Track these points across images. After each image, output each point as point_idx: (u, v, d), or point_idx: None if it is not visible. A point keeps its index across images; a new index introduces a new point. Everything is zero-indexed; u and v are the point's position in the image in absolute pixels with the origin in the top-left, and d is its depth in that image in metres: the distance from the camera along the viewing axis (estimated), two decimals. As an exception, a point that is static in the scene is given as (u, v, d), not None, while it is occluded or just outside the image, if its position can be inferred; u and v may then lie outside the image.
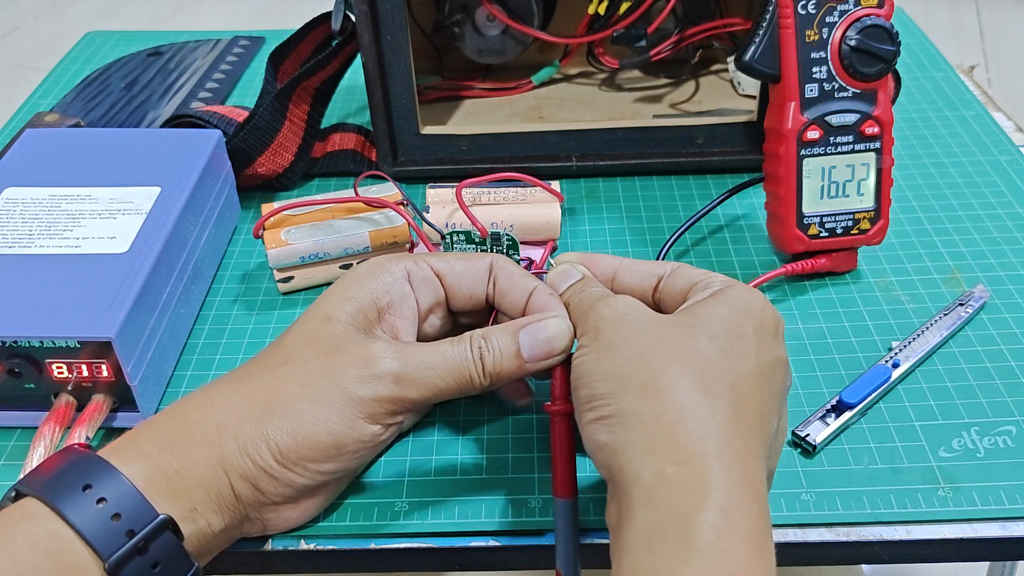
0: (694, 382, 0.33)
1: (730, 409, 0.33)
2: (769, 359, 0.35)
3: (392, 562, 0.41)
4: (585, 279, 0.40)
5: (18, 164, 0.53)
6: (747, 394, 0.33)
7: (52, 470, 0.34)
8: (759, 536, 0.30)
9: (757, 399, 0.34)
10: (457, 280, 0.41)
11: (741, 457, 0.32)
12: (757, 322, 0.35)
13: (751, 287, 0.37)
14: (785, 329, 0.39)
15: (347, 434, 0.36)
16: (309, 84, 0.62)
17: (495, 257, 0.42)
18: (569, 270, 0.40)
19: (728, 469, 0.31)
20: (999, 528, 0.40)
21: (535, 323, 0.38)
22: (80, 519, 0.32)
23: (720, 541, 0.29)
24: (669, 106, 0.67)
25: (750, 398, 0.33)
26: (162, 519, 0.33)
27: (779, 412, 0.36)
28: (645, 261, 0.41)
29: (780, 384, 0.36)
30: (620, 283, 0.41)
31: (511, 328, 0.38)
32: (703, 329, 0.35)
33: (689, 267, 0.40)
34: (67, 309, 0.43)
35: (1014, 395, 0.46)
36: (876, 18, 0.48)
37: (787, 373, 0.36)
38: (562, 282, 0.40)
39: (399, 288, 0.40)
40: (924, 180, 0.62)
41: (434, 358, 0.37)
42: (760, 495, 0.32)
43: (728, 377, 0.33)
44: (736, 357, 0.34)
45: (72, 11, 2.29)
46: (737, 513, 0.30)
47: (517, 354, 0.37)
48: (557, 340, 0.38)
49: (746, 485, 0.31)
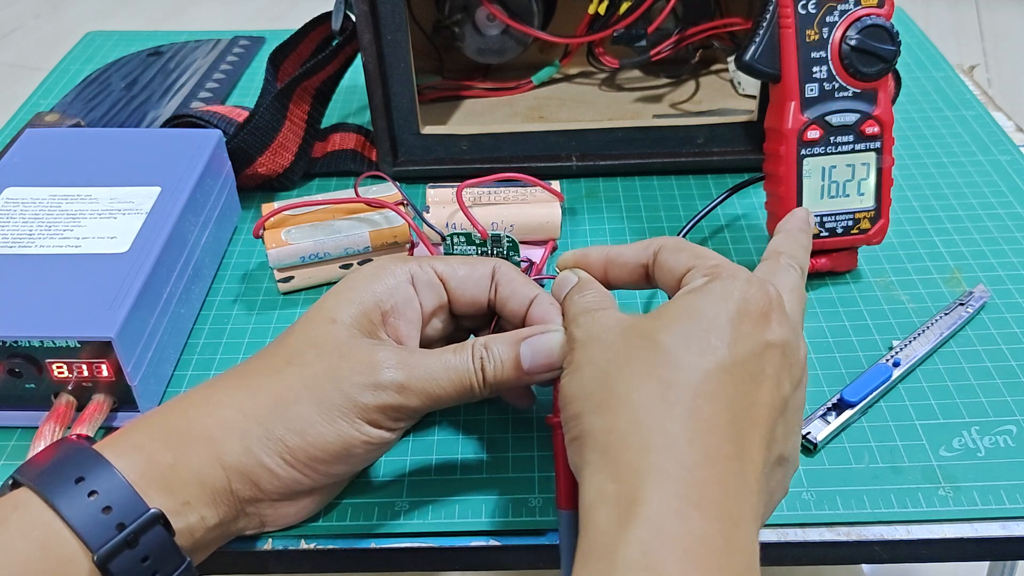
0: (649, 392, 0.32)
1: (685, 413, 0.31)
2: (749, 346, 0.33)
3: (392, 562, 0.41)
4: (579, 283, 0.39)
5: (18, 164, 0.53)
6: (712, 392, 0.32)
7: (47, 461, 0.34)
8: (701, 546, 0.29)
9: (729, 392, 0.32)
10: (460, 285, 0.41)
11: (687, 465, 0.30)
12: (735, 308, 0.33)
13: (735, 269, 0.35)
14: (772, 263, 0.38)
15: (355, 437, 0.36)
16: (309, 84, 0.62)
17: (498, 263, 0.41)
18: (568, 276, 0.40)
19: (665, 481, 0.30)
20: (999, 528, 0.40)
21: (536, 335, 0.38)
22: (71, 511, 0.32)
23: (647, 557, 0.28)
24: (669, 106, 0.67)
25: (717, 396, 0.32)
26: (152, 513, 0.33)
27: (775, 397, 0.33)
28: (630, 246, 0.40)
29: (774, 368, 0.33)
30: (612, 279, 0.41)
31: (513, 338, 0.38)
32: (668, 330, 0.33)
33: (673, 248, 0.38)
34: (67, 309, 0.43)
35: (1014, 395, 0.46)
36: (876, 18, 0.48)
37: (787, 353, 0.34)
38: (561, 290, 0.40)
39: (403, 291, 0.40)
40: (924, 180, 0.62)
41: (437, 368, 0.37)
42: (713, 501, 0.30)
43: (689, 378, 0.32)
44: (701, 353, 0.32)
45: (72, 11, 2.29)
46: (672, 525, 0.29)
47: (517, 365, 0.37)
48: (557, 353, 0.37)
49: (690, 494, 0.29)
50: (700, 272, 0.36)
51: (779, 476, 0.35)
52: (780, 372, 0.34)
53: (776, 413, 0.33)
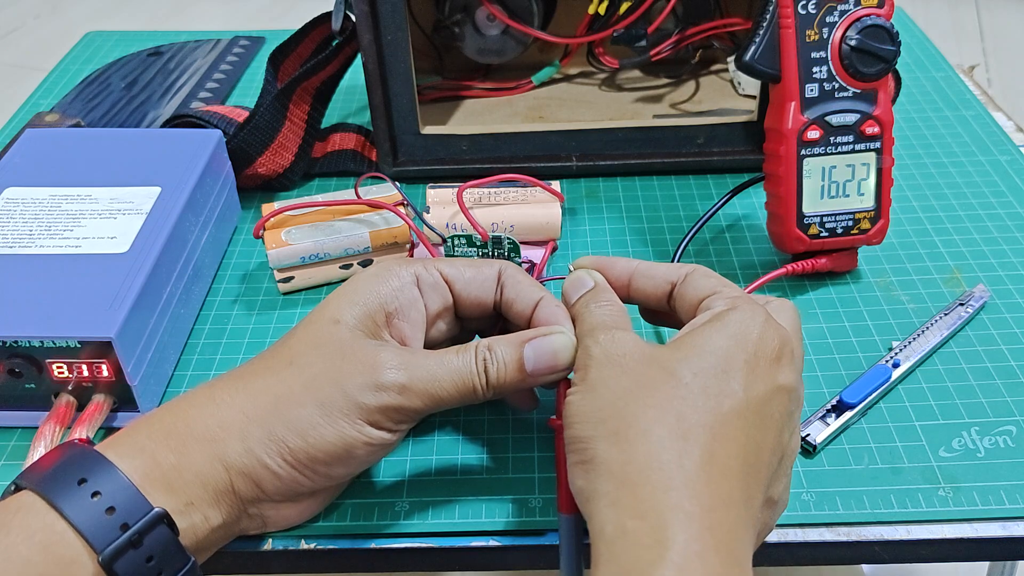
0: (668, 428, 0.32)
1: (703, 455, 0.32)
2: (763, 390, 0.34)
3: (392, 562, 0.41)
4: (596, 289, 0.39)
5: (18, 164, 0.53)
6: (727, 435, 0.32)
7: (50, 464, 0.34)
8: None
9: (742, 436, 0.33)
10: (466, 287, 0.41)
11: (706, 507, 0.31)
12: (751, 350, 0.34)
13: (755, 306, 0.36)
14: (770, 306, 0.38)
15: (356, 438, 0.36)
16: (309, 84, 0.62)
17: (504, 265, 0.41)
18: (583, 278, 0.40)
19: (688, 522, 0.30)
20: (999, 528, 0.40)
21: (540, 337, 0.38)
22: (74, 512, 0.32)
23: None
24: (669, 106, 0.67)
25: (731, 439, 0.32)
26: (156, 512, 0.33)
27: (778, 441, 0.34)
28: (662, 265, 0.40)
29: (780, 412, 0.34)
30: (635, 289, 0.40)
31: (516, 340, 0.38)
32: (688, 365, 0.34)
33: (703, 273, 0.39)
34: (67, 309, 0.43)
35: (1014, 395, 0.46)
36: (876, 18, 0.48)
37: (792, 398, 0.35)
38: (574, 292, 0.39)
39: (408, 293, 0.39)
40: (924, 180, 0.62)
41: (439, 369, 0.37)
42: (725, 544, 0.30)
43: (706, 419, 0.32)
44: (719, 394, 0.33)
45: (72, 11, 2.29)
46: (695, 568, 0.29)
47: (520, 367, 0.37)
48: (561, 355, 0.37)
49: (708, 537, 0.30)
50: (722, 299, 0.37)
51: (766, 517, 0.35)
52: (784, 416, 0.35)
53: (776, 457, 0.34)
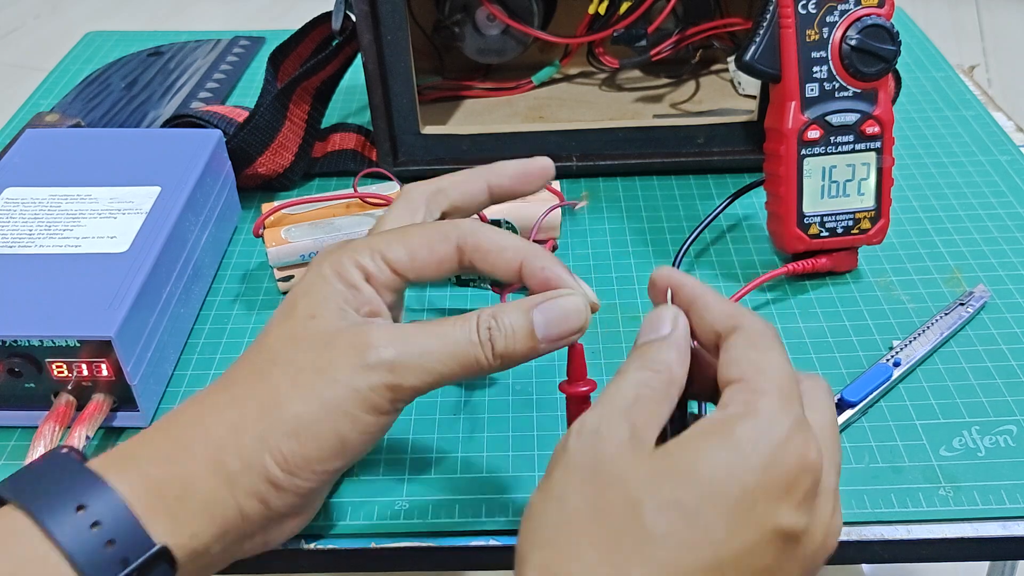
0: (609, 570, 0.28)
1: None
2: (749, 538, 0.28)
3: (392, 562, 0.41)
4: (664, 343, 0.33)
5: (18, 164, 0.53)
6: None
7: (42, 479, 0.32)
8: None
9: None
10: (420, 274, 0.37)
11: None
12: (751, 481, 0.28)
13: (779, 413, 0.29)
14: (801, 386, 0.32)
15: (349, 428, 0.34)
16: (309, 84, 0.62)
17: (461, 231, 0.37)
18: (663, 318, 0.34)
19: None
20: (1000, 527, 0.40)
21: (550, 300, 0.35)
22: (73, 545, 0.30)
23: None
24: (669, 106, 0.67)
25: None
26: (158, 549, 0.31)
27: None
28: (718, 303, 0.34)
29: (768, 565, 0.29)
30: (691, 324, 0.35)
31: (524, 306, 0.35)
32: (660, 495, 0.28)
33: (746, 339, 0.32)
34: (67, 309, 0.43)
35: (1015, 394, 0.46)
36: (876, 18, 0.48)
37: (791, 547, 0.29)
38: (649, 330, 0.34)
39: (366, 293, 0.37)
40: (924, 180, 0.62)
41: (435, 342, 0.34)
42: None
43: (655, 574, 0.27)
44: (684, 544, 0.28)
45: (72, 11, 2.29)
46: None
47: (531, 334, 0.35)
48: (574, 318, 0.35)
49: None
50: (743, 392, 0.31)
51: None
52: (774, 570, 0.29)
53: None
